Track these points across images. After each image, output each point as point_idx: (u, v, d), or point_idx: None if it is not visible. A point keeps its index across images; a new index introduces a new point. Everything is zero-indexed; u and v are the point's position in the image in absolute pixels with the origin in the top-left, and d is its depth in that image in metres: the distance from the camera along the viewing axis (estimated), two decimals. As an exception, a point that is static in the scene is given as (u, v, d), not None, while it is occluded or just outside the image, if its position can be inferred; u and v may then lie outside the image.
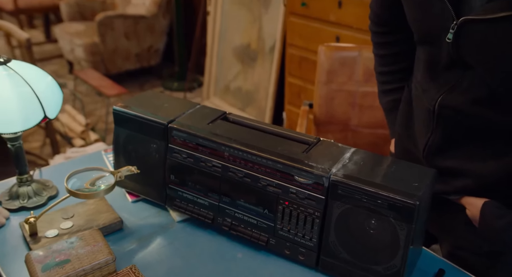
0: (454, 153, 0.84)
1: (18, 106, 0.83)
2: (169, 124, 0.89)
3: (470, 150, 0.82)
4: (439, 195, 0.89)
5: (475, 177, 0.83)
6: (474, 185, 0.83)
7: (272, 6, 2.71)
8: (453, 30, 0.72)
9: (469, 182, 0.84)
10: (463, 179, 0.84)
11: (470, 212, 0.85)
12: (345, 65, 1.74)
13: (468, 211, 0.85)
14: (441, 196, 0.89)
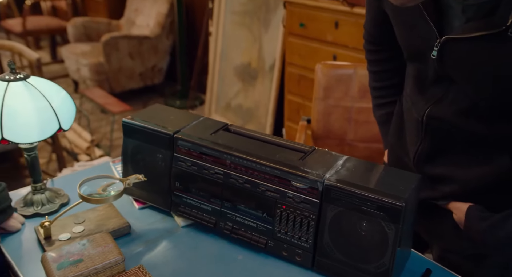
0: (442, 161, 0.90)
1: (36, 119, 0.90)
2: (174, 135, 0.95)
3: (456, 158, 0.89)
4: (429, 201, 0.95)
5: (460, 183, 0.89)
6: (460, 191, 0.89)
7: (271, 27, 2.81)
8: (437, 48, 0.79)
9: (456, 188, 0.90)
10: (450, 184, 0.90)
11: (456, 216, 0.91)
12: (341, 82, 1.82)
13: (455, 215, 0.91)
14: (430, 202, 0.95)
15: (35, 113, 0.90)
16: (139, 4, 3.74)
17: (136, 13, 3.76)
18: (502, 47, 0.71)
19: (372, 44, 1.10)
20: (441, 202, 0.93)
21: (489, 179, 0.85)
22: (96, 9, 4.14)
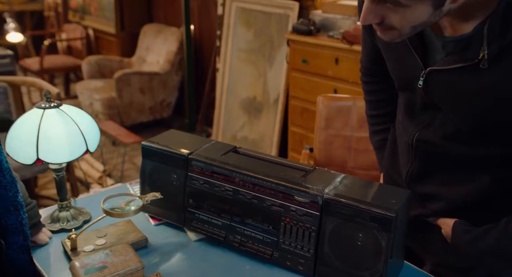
0: (430, 180, 1.00)
1: (66, 141, 1.02)
2: (189, 156, 1.06)
3: (442, 178, 0.98)
4: (420, 218, 1.04)
5: (447, 200, 0.98)
6: (447, 207, 0.98)
7: (276, 63, 2.98)
8: (423, 78, 0.90)
9: (443, 205, 0.99)
10: (438, 202, 0.99)
11: (444, 231, 0.99)
12: (341, 113, 1.94)
13: (443, 230, 0.99)
14: (421, 219, 1.04)
15: (66, 137, 1.02)
16: (150, 43, 3.96)
17: (147, 51, 3.97)
18: (476, 77, 0.81)
19: (368, 76, 1.22)
20: (431, 218, 1.02)
21: (472, 196, 0.94)
22: (109, 48, 4.37)
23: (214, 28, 3.56)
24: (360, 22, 0.81)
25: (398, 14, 0.76)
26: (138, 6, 4.16)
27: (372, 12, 0.77)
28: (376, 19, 0.79)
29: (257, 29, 3.08)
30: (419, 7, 0.74)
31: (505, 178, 0.90)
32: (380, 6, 0.76)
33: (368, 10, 0.78)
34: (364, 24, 0.82)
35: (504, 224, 0.87)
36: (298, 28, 2.50)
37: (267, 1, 2.95)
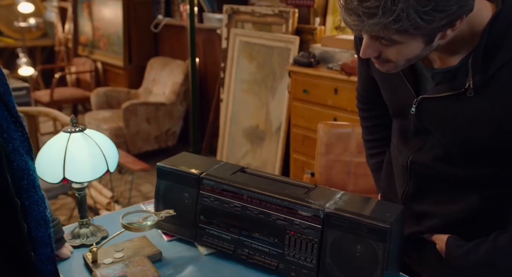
0: (424, 199, 1.08)
1: (90, 162, 1.12)
2: (200, 175, 1.16)
3: (435, 197, 1.06)
4: (416, 235, 1.12)
5: (440, 217, 1.05)
6: (440, 224, 1.06)
7: (277, 93, 3.12)
8: (415, 105, 1.00)
9: (436, 222, 1.06)
10: (431, 219, 1.07)
11: (439, 246, 1.06)
12: (341, 140, 2.05)
13: (438, 245, 1.07)
14: (417, 236, 1.12)
15: (89, 158, 1.12)
16: (156, 75, 4.12)
17: (154, 83, 4.13)
18: (463, 105, 0.91)
19: (364, 104, 1.32)
20: (426, 235, 1.10)
21: (463, 213, 1.02)
22: (117, 80, 4.54)
23: (218, 60, 3.73)
24: (361, 55, 0.90)
25: (393, 49, 0.85)
26: (145, 41, 4.36)
27: (370, 47, 0.86)
28: (374, 54, 0.88)
29: (260, 61, 3.24)
30: (412, 43, 0.83)
31: (492, 196, 0.99)
32: (378, 42, 0.85)
33: (367, 46, 0.86)
34: (363, 58, 0.92)
35: (493, 238, 0.95)
36: (299, 61, 2.65)
37: (270, 36, 3.12)
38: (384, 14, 0.75)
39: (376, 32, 0.80)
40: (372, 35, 0.84)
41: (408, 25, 0.76)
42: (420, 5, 0.74)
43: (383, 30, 0.78)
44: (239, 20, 3.39)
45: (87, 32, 4.81)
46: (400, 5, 0.74)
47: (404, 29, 0.77)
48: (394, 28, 0.77)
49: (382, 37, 0.83)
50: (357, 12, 0.77)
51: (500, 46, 0.84)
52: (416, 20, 0.75)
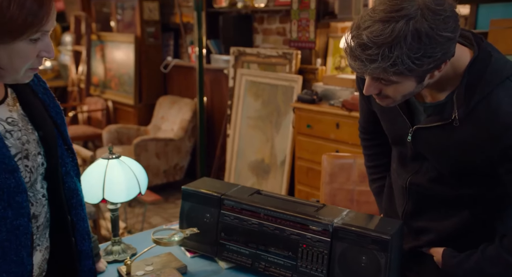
0: (421, 217, 1.22)
1: (125, 185, 1.27)
2: (221, 196, 1.31)
3: (431, 214, 1.20)
4: (415, 249, 1.25)
5: (436, 233, 1.19)
6: (436, 238, 1.20)
7: (282, 129, 3.30)
8: (411, 134, 1.16)
9: (433, 236, 1.20)
10: (428, 234, 1.21)
11: (436, 257, 1.20)
12: (344, 170, 2.20)
13: (435, 257, 1.20)
14: (416, 250, 1.25)
15: (124, 182, 1.27)
16: (165, 113, 4.33)
17: (162, 120, 4.33)
18: (451, 133, 1.07)
19: (366, 134, 1.48)
20: (424, 248, 1.24)
21: (456, 228, 1.16)
22: (127, 118, 4.74)
23: (224, 98, 3.94)
24: (364, 93, 1.05)
25: (391, 88, 1.01)
26: (155, 81, 4.60)
27: (372, 86, 1.02)
28: (375, 92, 1.03)
29: (265, 99, 3.44)
30: (406, 82, 0.99)
31: (481, 213, 1.14)
32: (378, 82, 1.01)
33: (369, 85, 1.02)
34: (366, 95, 1.08)
35: (481, 249, 1.09)
36: (302, 98, 2.85)
37: (274, 75, 3.35)
38: (383, 60, 0.92)
39: (376, 74, 0.97)
40: (373, 77, 1.00)
41: (403, 69, 0.92)
42: (412, 52, 0.91)
43: (382, 72, 0.95)
44: (245, 61, 3.63)
45: (99, 73, 5.07)
46: (396, 52, 0.90)
47: (400, 71, 0.93)
48: (391, 71, 0.93)
49: (382, 78, 0.99)
50: (361, 58, 0.93)
51: (477, 86, 1.01)
52: (409, 64, 0.92)
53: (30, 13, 0.85)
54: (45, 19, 0.88)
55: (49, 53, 0.93)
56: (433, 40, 0.91)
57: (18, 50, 0.89)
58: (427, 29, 0.90)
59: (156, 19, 4.47)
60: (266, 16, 3.70)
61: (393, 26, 0.90)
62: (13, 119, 0.98)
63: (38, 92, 1.07)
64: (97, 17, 5.16)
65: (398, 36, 0.89)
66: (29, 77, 0.95)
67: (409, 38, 0.89)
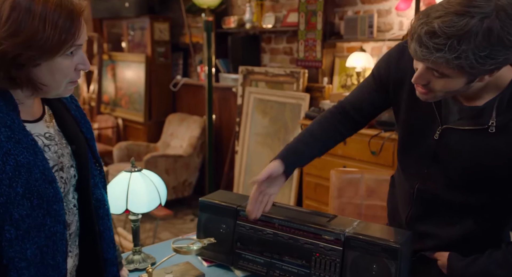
0: (427, 222, 1.27)
1: (146, 197, 1.34)
2: (237, 208, 1.38)
3: (436, 220, 1.26)
4: (420, 252, 1.30)
5: (440, 238, 1.25)
6: (441, 243, 1.25)
7: (289, 145, 3.37)
8: (439, 132, 1.15)
9: (438, 242, 1.25)
10: (433, 239, 1.26)
11: (440, 262, 1.25)
12: (351, 184, 2.26)
13: (439, 261, 1.25)
14: (421, 255, 1.30)
15: (146, 193, 1.35)
16: (174, 130, 4.42)
17: (172, 137, 4.42)
18: (483, 138, 1.09)
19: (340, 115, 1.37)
20: (428, 253, 1.29)
21: (460, 235, 1.22)
22: (137, 135, 4.84)
23: (232, 116, 4.04)
24: (412, 81, 1.06)
25: (441, 81, 1.01)
26: (165, 99, 4.71)
27: (422, 76, 1.03)
28: (424, 82, 1.04)
29: (273, 116, 3.53)
30: (458, 79, 1.00)
31: (484, 221, 1.20)
32: (430, 73, 1.02)
33: (421, 75, 1.03)
34: (414, 83, 1.07)
35: (488, 253, 1.16)
36: (310, 115, 2.93)
37: (282, 93, 3.44)
38: (449, 51, 0.93)
39: (438, 64, 0.97)
40: (427, 67, 1.00)
41: (465, 63, 0.94)
42: (478, 50, 0.92)
43: (445, 63, 0.95)
44: (253, 79, 3.73)
45: (109, 92, 5.19)
46: (463, 46, 0.92)
47: (461, 66, 0.94)
48: (454, 63, 0.94)
49: (436, 70, 0.99)
50: (427, 45, 0.95)
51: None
52: (472, 61, 0.93)
53: (63, 31, 0.94)
54: (77, 34, 0.97)
55: (85, 65, 1.02)
56: (502, 42, 0.92)
57: (57, 66, 0.97)
58: (499, 30, 0.91)
59: (166, 40, 4.61)
60: (274, 37, 3.82)
61: (467, 21, 0.91)
62: (50, 135, 1.06)
63: (71, 109, 1.15)
64: (108, 37, 5.32)
65: (470, 31, 0.91)
66: (70, 90, 1.04)
67: (480, 36, 0.91)
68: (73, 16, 0.96)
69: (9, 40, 0.92)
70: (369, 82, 1.32)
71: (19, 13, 0.92)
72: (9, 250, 0.92)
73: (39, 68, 0.96)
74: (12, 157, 0.92)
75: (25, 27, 0.92)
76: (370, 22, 2.92)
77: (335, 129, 1.39)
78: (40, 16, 0.92)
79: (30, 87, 0.98)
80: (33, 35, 0.92)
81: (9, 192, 0.92)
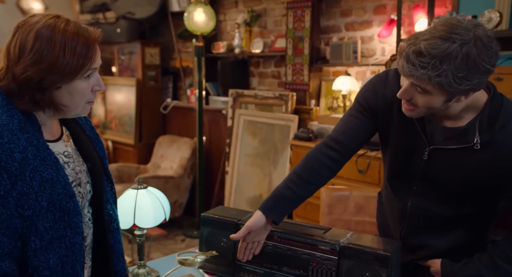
0: (419, 235, 1.38)
1: (152, 212, 1.42)
2: (238, 222, 1.46)
3: (429, 233, 1.37)
4: (412, 262, 1.41)
5: (433, 248, 1.36)
6: (433, 253, 1.36)
7: (279, 165, 3.48)
8: (427, 152, 1.27)
9: (430, 252, 1.37)
10: (425, 250, 1.38)
11: (433, 268, 1.34)
12: (341, 201, 2.37)
13: (432, 268, 1.35)
14: (414, 263, 1.41)
15: (152, 209, 1.43)
16: (164, 151, 4.49)
17: (162, 159, 4.48)
18: (469, 156, 1.20)
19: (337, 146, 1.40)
20: (421, 261, 1.39)
21: (451, 244, 1.34)
22: (127, 157, 4.88)
23: (222, 137, 4.14)
24: (398, 96, 1.19)
25: (423, 97, 1.14)
26: (155, 121, 4.80)
27: (407, 92, 1.16)
28: (408, 97, 1.17)
29: (262, 137, 3.64)
30: (438, 97, 1.13)
31: (473, 231, 1.33)
32: (414, 89, 1.15)
33: (406, 90, 1.16)
34: (399, 98, 1.19)
35: (477, 257, 1.27)
36: (299, 136, 3.06)
37: (271, 115, 3.57)
38: (432, 69, 1.07)
39: (421, 80, 1.10)
40: (412, 83, 1.13)
41: (445, 82, 1.08)
42: (457, 71, 1.07)
43: (427, 79, 1.09)
44: (243, 102, 3.86)
45: (99, 115, 5.25)
46: (444, 66, 1.06)
47: (441, 84, 1.08)
48: (435, 81, 1.08)
49: (419, 86, 1.12)
50: (414, 63, 1.09)
51: (497, 117, 1.19)
52: (450, 80, 1.07)
53: (81, 56, 1.05)
54: (93, 59, 1.07)
55: (100, 86, 1.12)
56: (476, 67, 1.07)
57: (76, 88, 1.07)
58: (475, 56, 1.06)
59: (156, 64, 4.72)
60: (262, 61, 3.98)
61: (449, 45, 1.06)
62: (68, 153, 1.15)
63: (86, 130, 1.25)
64: (98, 61, 5.40)
65: (451, 54, 1.05)
66: (88, 110, 1.13)
67: (459, 59, 1.06)
68: (89, 43, 1.06)
69: (34, 67, 1.02)
70: (357, 110, 1.38)
71: (42, 43, 1.02)
72: (34, 259, 0.99)
73: (60, 91, 1.06)
74: (38, 173, 1.01)
75: (48, 54, 1.02)
76: (354, 48, 3.09)
77: (326, 167, 1.40)
78: (60, 44, 1.03)
79: (52, 109, 1.08)
80: (54, 61, 1.02)
81: (35, 205, 1.00)
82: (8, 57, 1.04)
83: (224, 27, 4.26)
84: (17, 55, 1.02)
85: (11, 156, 0.97)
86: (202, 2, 3.62)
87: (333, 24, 3.37)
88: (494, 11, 2.22)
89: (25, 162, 0.99)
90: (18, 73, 1.02)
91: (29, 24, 1.03)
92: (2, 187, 0.96)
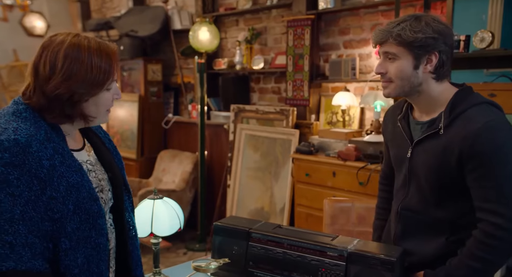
0: (408, 240, 1.49)
1: (168, 221, 1.49)
2: (249, 230, 1.54)
3: (416, 238, 1.47)
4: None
5: (418, 256, 1.46)
6: (418, 261, 1.46)
7: (281, 178, 3.56)
8: (410, 150, 1.45)
9: (415, 258, 1.46)
10: (411, 256, 1.47)
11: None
12: (343, 212, 2.44)
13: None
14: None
15: (168, 218, 1.50)
16: (166, 166, 4.55)
17: (164, 173, 4.54)
18: (439, 141, 1.36)
19: (385, 179, 1.72)
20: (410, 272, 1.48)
21: (434, 252, 1.44)
22: (129, 171, 4.93)
23: (224, 151, 4.22)
24: (374, 71, 1.44)
25: (393, 65, 1.37)
26: (156, 136, 4.88)
27: (381, 65, 1.40)
28: (383, 69, 1.40)
29: (264, 151, 3.73)
30: (405, 60, 1.36)
31: (454, 241, 1.42)
32: (386, 61, 1.40)
33: (380, 64, 1.41)
34: (376, 73, 1.44)
35: (449, 260, 1.39)
36: (301, 149, 3.14)
37: (273, 129, 3.66)
38: (393, 27, 1.36)
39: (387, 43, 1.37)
40: (384, 53, 1.39)
41: (404, 35, 1.33)
42: (412, 27, 1.34)
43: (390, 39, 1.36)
44: (244, 117, 3.95)
45: (101, 129, 5.32)
46: (402, 25, 1.35)
47: (401, 37, 1.34)
48: (396, 34, 1.34)
49: (388, 52, 1.37)
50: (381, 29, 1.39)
51: (459, 104, 1.37)
52: (408, 35, 1.33)
53: (105, 70, 1.15)
54: (114, 72, 1.17)
55: (118, 95, 1.22)
56: (429, 25, 1.34)
57: (101, 99, 1.17)
58: (426, 18, 1.36)
59: (159, 80, 4.83)
60: (262, 77, 4.09)
61: (406, 16, 1.39)
62: (91, 162, 1.23)
63: (105, 142, 1.33)
64: (100, 77, 5.50)
65: (406, 18, 1.37)
66: (108, 117, 1.24)
67: (413, 19, 1.36)
68: (111, 57, 1.16)
69: (64, 84, 1.11)
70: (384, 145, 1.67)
71: (71, 62, 1.12)
72: (65, 258, 1.06)
73: (87, 103, 1.15)
74: (65, 179, 1.09)
75: (77, 72, 1.11)
76: (352, 64, 3.21)
77: (390, 192, 1.69)
78: (88, 61, 1.12)
79: (82, 120, 1.17)
80: (83, 78, 1.11)
81: (63, 209, 1.07)
82: (36, 76, 1.13)
83: (225, 44, 4.38)
84: (48, 74, 1.11)
85: (40, 163, 1.05)
86: (206, 21, 3.74)
87: (332, 42, 3.49)
88: (486, 32, 2.35)
89: (52, 168, 1.07)
90: (49, 90, 1.10)
91: (55, 44, 1.12)
92: (33, 192, 1.03)
